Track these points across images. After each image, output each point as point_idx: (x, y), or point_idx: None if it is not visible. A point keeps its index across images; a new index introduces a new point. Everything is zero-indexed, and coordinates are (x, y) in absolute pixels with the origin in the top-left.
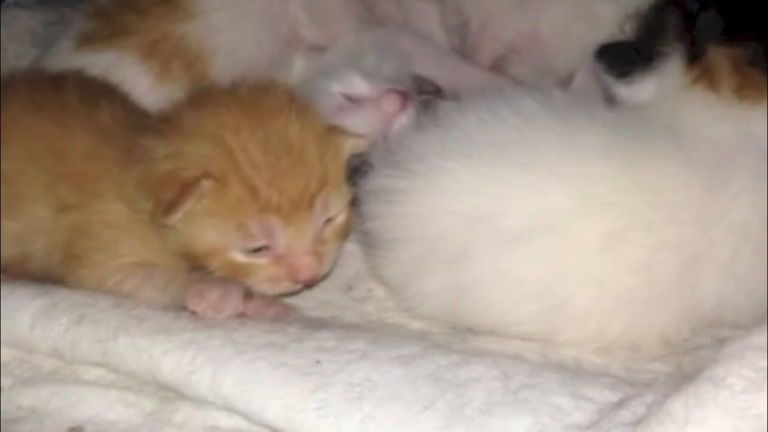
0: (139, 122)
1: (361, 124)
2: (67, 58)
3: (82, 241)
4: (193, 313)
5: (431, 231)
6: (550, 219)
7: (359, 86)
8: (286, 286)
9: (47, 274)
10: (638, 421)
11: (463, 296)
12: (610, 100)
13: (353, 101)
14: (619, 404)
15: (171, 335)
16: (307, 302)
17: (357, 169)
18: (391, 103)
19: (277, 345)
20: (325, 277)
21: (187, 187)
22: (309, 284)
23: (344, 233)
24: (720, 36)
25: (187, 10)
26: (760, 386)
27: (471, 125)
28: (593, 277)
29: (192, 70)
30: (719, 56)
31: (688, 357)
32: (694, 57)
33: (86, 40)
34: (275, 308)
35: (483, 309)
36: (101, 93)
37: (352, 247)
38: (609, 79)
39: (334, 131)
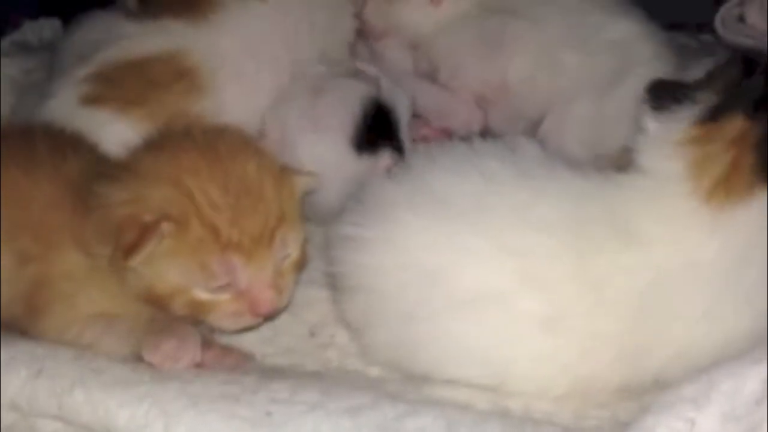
0: (98, 171)
1: None
2: (70, 112)
3: (41, 293)
4: (151, 364)
5: (387, 283)
6: (495, 291)
7: None
8: (247, 320)
9: (11, 324)
10: None
11: (412, 351)
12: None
13: None
14: None
15: (127, 388)
16: (269, 348)
17: None
18: None
19: (231, 396)
20: (287, 316)
21: (147, 230)
22: (270, 317)
23: (300, 267)
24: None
25: (203, 86)
26: None
27: (437, 180)
28: (534, 351)
29: None
30: (736, 126)
31: (636, 403)
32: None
33: (92, 100)
34: (233, 357)
35: (431, 366)
36: (70, 144)
37: (316, 292)
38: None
39: (287, 171)
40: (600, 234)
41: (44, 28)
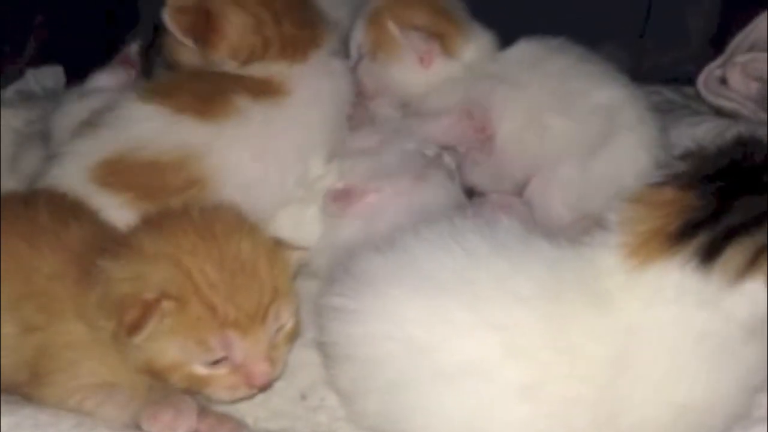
0: (100, 244)
1: None
2: (77, 185)
3: (44, 361)
4: None
5: (374, 353)
6: (476, 363)
7: None
8: (242, 392)
9: (14, 390)
10: None
11: (398, 420)
12: None
13: None
14: None
15: None
16: (261, 412)
17: None
18: None
19: None
20: (279, 380)
21: (149, 308)
22: (264, 389)
23: (293, 338)
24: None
25: (212, 191)
26: None
27: (422, 254)
28: (513, 422)
29: None
30: (670, 193)
31: None
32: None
33: (103, 184)
34: (227, 426)
35: None
36: (72, 212)
37: (308, 355)
38: None
39: (281, 246)
40: (573, 301)
41: (47, 76)
